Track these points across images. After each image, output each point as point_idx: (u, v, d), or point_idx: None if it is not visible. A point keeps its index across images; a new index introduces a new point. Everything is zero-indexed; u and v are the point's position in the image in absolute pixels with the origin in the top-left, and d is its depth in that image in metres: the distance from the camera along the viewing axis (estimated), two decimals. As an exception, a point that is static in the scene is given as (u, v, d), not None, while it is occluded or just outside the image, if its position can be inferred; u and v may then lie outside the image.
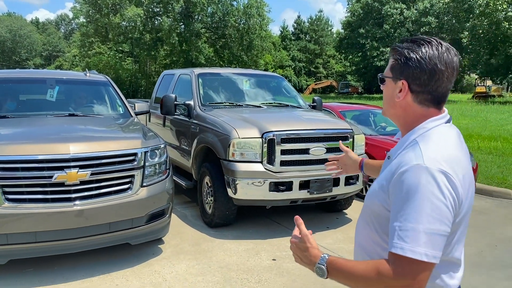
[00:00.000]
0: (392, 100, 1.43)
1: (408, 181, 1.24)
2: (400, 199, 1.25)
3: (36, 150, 3.68)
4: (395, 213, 1.26)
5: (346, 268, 1.30)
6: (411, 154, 1.30)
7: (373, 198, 1.40)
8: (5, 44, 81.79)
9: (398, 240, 1.22)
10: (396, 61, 1.40)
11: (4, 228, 3.54)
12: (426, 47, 1.36)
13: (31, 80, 5.53)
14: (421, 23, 41.72)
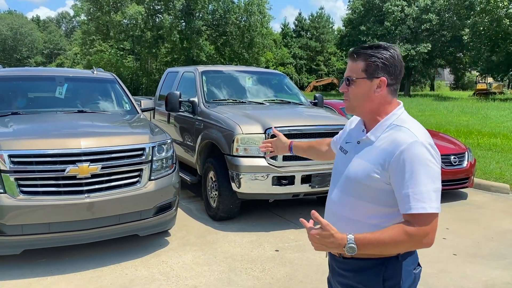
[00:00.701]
0: (369, 95, 1.69)
1: (411, 155, 1.55)
2: (407, 171, 1.54)
3: (49, 144, 3.84)
4: (402, 182, 1.55)
5: (375, 240, 1.54)
6: (403, 135, 1.60)
7: (368, 175, 1.63)
8: (6, 42, 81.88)
9: (416, 202, 1.52)
10: (371, 63, 1.65)
11: (19, 219, 3.70)
12: (391, 50, 1.67)
13: (41, 78, 5.70)
14: (422, 20, 41.73)
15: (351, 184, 1.69)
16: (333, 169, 1.88)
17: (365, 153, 1.69)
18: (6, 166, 3.70)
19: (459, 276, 4.07)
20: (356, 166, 1.69)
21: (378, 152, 1.63)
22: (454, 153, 6.78)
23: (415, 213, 1.53)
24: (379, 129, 1.69)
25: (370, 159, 1.64)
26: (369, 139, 1.69)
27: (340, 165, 1.80)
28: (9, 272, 3.94)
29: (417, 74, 51.79)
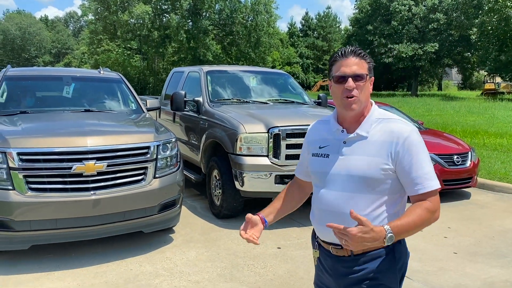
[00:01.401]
0: (367, 91, 1.81)
1: (414, 142, 1.72)
2: (414, 155, 1.70)
3: (56, 143, 3.94)
4: (411, 166, 1.69)
5: (407, 224, 1.64)
6: (399, 125, 1.75)
7: (379, 168, 1.72)
8: (15, 42, 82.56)
9: (428, 181, 1.70)
10: (370, 63, 1.81)
11: (27, 215, 3.81)
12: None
13: (49, 78, 5.82)
14: (430, 20, 41.53)
15: (358, 181, 1.73)
16: (317, 173, 1.88)
17: (362, 149, 1.75)
18: (15, 163, 3.81)
19: (459, 274, 4.12)
20: (360, 163, 1.73)
21: (380, 145, 1.72)
22: (457, 152, 6.81)
23: (429, 190, 1.70)
24: (366, 124, 1.78)
25: (374, 153, 1.72)
26: (360, 135, 1.76)
27: (329, 167, 1.81)
28: (17, 267, 4.05)
29: (424, 73, 51.58)
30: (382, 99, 33.21)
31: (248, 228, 1.90)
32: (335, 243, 1.79)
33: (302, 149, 2.07)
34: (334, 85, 1.79)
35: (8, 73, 5.49)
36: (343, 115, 1.83)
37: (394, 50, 41.51)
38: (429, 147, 6.63)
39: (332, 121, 1.88)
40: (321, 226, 1.82)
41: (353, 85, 1.72)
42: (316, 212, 1.89)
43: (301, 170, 2.10)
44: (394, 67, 44.80)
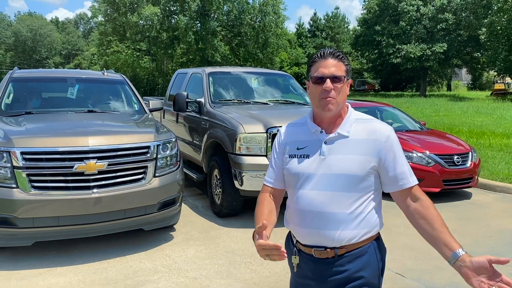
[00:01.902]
0: (345, 93, 1.84)
1: (395, 140, 1.80)
2: (396, 153, 1.78)
3: (59, 142, 4.07)
4: (394, 163, 1.77)
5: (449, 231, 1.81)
6: (378, 125, 1.83)
7: (364, 165, 1.76)
8: (26, 43, 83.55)
9: (412, 177, 1.81)
10: (348, 66, 1.84)
11: (30, 212, 3.93)
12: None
13: (53, 79, 5.97)
14: (438, 20, 41.28)
15: (342, 179, 1.74)
16: (296, 174, 1.83)
17: (345, 148, 1.77)
18: (19, 162, 3.94)
19: (452, 272, 4.11)
20: (344, 161, 1.75)
21: (363, 143, 1.77)
22: (458, 153, 6.84)
23: (415, 184, 1.80)
24: (346, 124, 1.82)
25: (358, 151, 1.76)
26: (342, 134, 1.79)
27: (311, 167, 1.79)
28: (21, 263, 4.18)
29: (433, 74, 51.25)
30: (390, 100, 33.12)
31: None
32: (318, 245, 1.79)
33: (273, 154, 1.99)
34: (312, 86, 1.81)
35: (14, 75, 5.65)
36: (320, 116, 1.85)
37: (402, 50, 41.31)
38: (429, 147, 6.68)
39: (309, 122, 1.89)
40: (301, 228, 1.82)
41: (331, 86, 1.74)
42: (294, 214, 1.86)
43: (274, 177, 1.98)
44: (402, 68, 44.58)
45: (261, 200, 1.99)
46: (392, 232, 5.24)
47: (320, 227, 1.77)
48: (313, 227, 1.79)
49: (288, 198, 1.95)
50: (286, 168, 1.89)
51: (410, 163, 6.43)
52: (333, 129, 1.82)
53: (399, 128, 8.03)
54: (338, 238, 1.75)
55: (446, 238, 1.77)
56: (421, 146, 6.83)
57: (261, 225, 1.68)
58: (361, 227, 1.77)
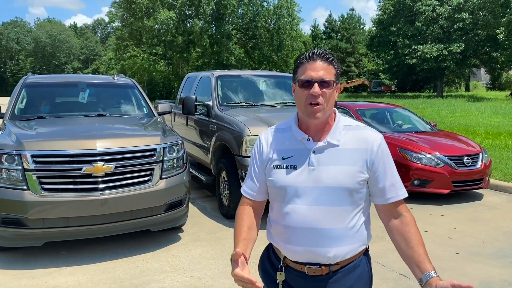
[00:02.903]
0: (334, 99, 1.70)
1: (386, 149, 1.70)
2: (387, 163, 1.68)
3: (67, 146, 4.19)
4: (385, 174, 1.67)
5: (422, 244, 1.67)
6: (368, 132, 1.71)
7: (356, 176, 1.63)
8: (45, 49, 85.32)
9: (402, 189, 1.71)
10: (338, 69, 1.69)
11: (40, 213, 4.06)
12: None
13: (65, 84, 6.13)
14: (455, 20, 40.77)
15: (334, 192, 1.63)
16: (283, 187, 1.69)
17: (335, 158, 1.65)
18: (29, 165, 4.07)
19: (457, 273, 4.16)
20: (335, 173, 1.63)
21: (354, 153, 1.65)
22: (467, 154, 6.79)
23: (401, 199, 1.70)
24: (336, 132, 1.68)
25: (349, 162, 1.64)
26: (331, 143, 1.66)
27: (299, 179, 1.66)
28: (33, 263, 4.32)
29: (450, 74, 50.62)
30: (406, 101, 32.83)
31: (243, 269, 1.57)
32: (311, 262, 1.67)
33: (252, 164, 1.83)
34: (299, 89, 1.65)
35: (28, 81, 5.82)
36: (306, 123, 1.70)
37: (418, 51, 40.90)
38: (439, 148, 6.66)
39: (294, 129, 1.74)
40: (291, 246, 1.68)
41: (319, 91, 1.60)
42: (282, 231, 1.71)
43: (254, 188, 1.82)
44: (419, 68, 44.16)
45: (240, 215, 1.82)
46: (399, 233, 5.23)
47: (314, 244, 1.65)
48: (306, 244, 1.65)
49: (273, 212, 1.78)
50: (270, 180, 1.72)
51: (419, 165, 6.50)
52: (321, 137, 1.68)
53: (409, 129, 8.00)
54: (334, 256, 1.65)
55: (420, 258, 1.62)
56: (430, 147, 6.79)
57: (235, 253, 1.57)
58: (355, 241, 1.69)
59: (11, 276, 4.04)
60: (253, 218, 1.82)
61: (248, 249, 1.71)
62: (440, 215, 6.04)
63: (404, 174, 6.64)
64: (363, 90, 63.49)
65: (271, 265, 1.83)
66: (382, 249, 4.70)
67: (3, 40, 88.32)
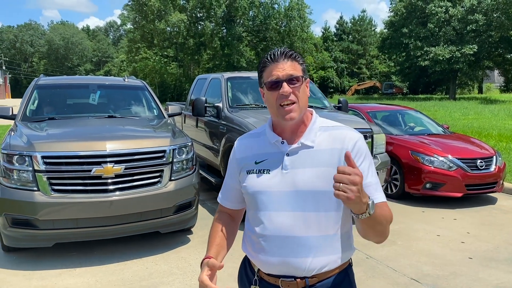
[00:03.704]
0: (306, 96, 1.59)
1: (364, 148, 1.57)
2: (363, 163, 1.54)
3: (77, 147, 4.20)
4: (364, 173, 1.44)
5: (380, 214, 1.44)
6: (346, 131, 1.58)
7: (326, 179, 1.47)
8: (59, 51, 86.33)
9: (380, 192, 1.53)
10: (303, 64, 1.60)
11: (50, 215, 4.07)
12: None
13: (76, 86, 6.17)
14: (468, 21, 40.34)
15: (309, 197, 1.52)
16: (257, 193, 1.59)
17: (309, 160, 1.54)
18: (40, 166, 4.08)
19: (470, 279, 4.08)
20: (309, 176, 1.52)
21: (329, 153, 1.54)
22: (481, 157, 6.68)
23: (381, 201, 1.51)
24: (311, 133, 1.58)
25: (323, 163, 1.52)
26: (305, 144, 1.56)
27: (272, 184, 1.56)
28: (43, 263, 4.33)
29: (463, 76, 50.10)
30: (417, 103, 32.55)
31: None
32: (286, 275, 1.56)
33: (228, 171, 1.76)
34: (268, 93, 1.56)
35: (39, 82, 5.86)
36: (281, 125, 1.60)
37: (430, 52, 40.55)
38: (451, 151, 6.57)
39: (268, 132, 1.64)
40: (265, 256, 1.57)
41: (289, 90, 1.51)
42: (256, 240, 1.61)
43: (229, 197, 1.77)
44: (431, 70, 43.78)
45: (215, 221, 1.78)
46: (411, 237, 5.16)
47: (288, 254, 1.53)
48: (279, 254, 1.54)
49: (248, 222, 1.69)
50: (244, 186, 1.64)
51: (432, 168, 6.41)
52: (296, 139, 1.58)
53: (421, 132, 7.91)
54: (309, 267, 1.52)
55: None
56: (442, 150, 6.70)
57: (205, 258, 1.58)
58: (334, 252, 1.55)
59: (21, 276, 4.06)
60: (229, 226, 1.75)
61: (220, 255, 1.66)
62: (453, 219, 5.95)
63: (416, 177, 6.56)
64: (374, 92, 63.16)
65: (247, 278, 1.74)
66: (393, 254, 4.64)
67: (17, 43, 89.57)
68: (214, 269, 1.54)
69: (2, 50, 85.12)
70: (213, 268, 1.54)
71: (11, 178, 4.12)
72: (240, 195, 1.72)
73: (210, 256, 1.60)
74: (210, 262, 1.54)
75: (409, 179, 6.65)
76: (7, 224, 4.11)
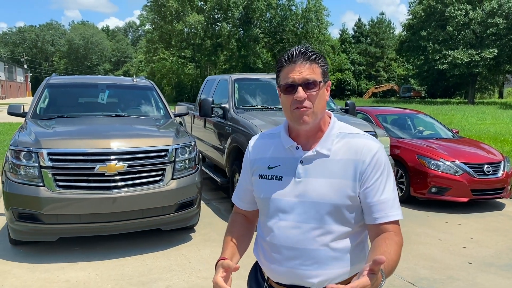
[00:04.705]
0: (324, 100, 1.51)
1: (383, 160, 1.48)
2: (382, 177, 1.46)
3: (82, 144, 4.32)
4: (375, 188, 1.44)
5: (391, 263, 1.34)
6: (365, 141, 1.49)
7: (345, 191, 1.45)
8: (79, 51, 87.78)
9: (395, 209, 1.46)
10: (324, 66, 1.50)
11: (55, 210, 4.19)
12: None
13: (86, 85, 6.33)
14: (488, 24, 39.75)
15: (321, 209, 1.46)
16: (266, 200, 1.55)
17: (324, 170, 1.47)
18: (45, 162, 4.22)
19: (467, 283, 4.07)
20: (322, 187, 1.46)
21: (345, 164, 1.47)
22: (488, 162, 6.62)
23: (396, 219, 1.46)
24: (327, 140, 1.50)
25: (338, 175, 1.46)
26: (321, 153, 1.49)
27: (283, 192, 1.51)
28: (47, 257, 4.46)
29: (483, 80, 49.36)
30: (434, 107, 32.17)
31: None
32: (294, 284, 1.52)
33: (243, 171, 1.70)
34: (283, 96, 1.49)
35: (50, 81, 6.03)
36: (296, 129, 1.53)
37: (449, 56, 40.05)
38: (458, 155, 6.53)
39: (283, 136, 1.57)
40: (274, 265, 1.54)
41: (303, 96, 1.43)
42: (265, 247, 1.58)
43: (242, 198, 1.73)
44: (449, 74, 43.23)
45: (231, 222, 1.74)
46: (411, 241, 5.16)
47: (297, 266, 1.49)
48: (287, 265, 1.50)
49: (259, 227, 1.65)
50: (255, 191, 1.61)
51: (437, 172, 6.38)
52: (312, 145, 1.51)
53: (430, 136, 7.87)
54: (319, 280, 1.48)
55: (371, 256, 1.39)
56: (449, 155, 6.65)
57: (220, 259, 1.52)
58: (345, 266, 1.49)
59: (26, 269, 4.19)
60: (244, 227, 1.71)
61: (235, 257, 1.60)
62: (457, 223, 5.91)
63: (421, 181, 6.54)
64: (392, 95, 62.62)
65: (257, 284, 1.69)
66: (392, 256, 4.64)
67: (39, 42, 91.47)
68: (229, 271, 1.47)
69: (24, 49, 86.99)
70: (228, 269, 1.46)
71: (18, 174, 4.26)
72: (252, 197, 1.66)
73: (225, 258, 1.54)
74: (225, 263, 1.46)
75: (414, 183, 6.63)
76: (13, 218, 4.25)
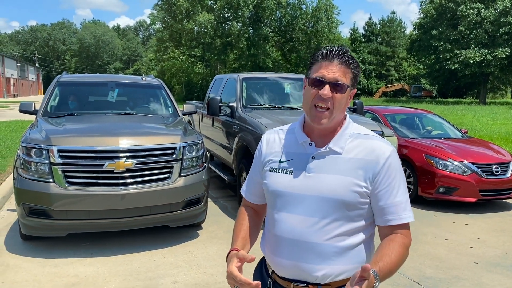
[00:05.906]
0: (345, 105, 1.53)
1: (397, 164, 1.51)
2: (395, 180, 1.49)
3: (91, 142, 4.40)
4: (388, 191, 1.48)
5: (389, 267, 1.39)
6: (379, 143, 1.52)
7: (352, 189, 1.47)
8: (90, 50, 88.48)
9: (407, 211, 1.51)
10: (356, 73, 1.52)
11: (64, 206, 4.27)
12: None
13: (95, 83, 6.41)
14: (501, 24, 39.34)
15: (329, 204, 1.48)
16: (276, 193, 1.57)
17: (335, 166, 1.50)
18: (56, 159, 4.30)
19: (472, 283, 4.07)
20: (332, 183, 1.48)
21: (357, 163, 1.49)
22: (497, 162, 6.59)
23: (406, 222, 1.50)
24: (341, 139, 1.53)
25: (349, 172, 1.48)
26: (333, 150, 1.51)
27: (293, 186, 1.53)
28: (57, 252, 4.55)
29: (495, 80, 48.87)
30: (445, 107, 31.95)
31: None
32: (297, 279, 1.54)
33: (253, 164, 1.74)
34: (308, 87, 1.51)
35: (61, 79, 6.12)
36: (310, 126, 1.56)
37: (460, 55, 39.71)
38: (466, 155, 6.53)
39: (298, 131, 1.60)
40: (278, 258, 1.56)
41: (328, 94, 1.44)
42: (271, 240, 1.60)
43: (252, 191, 1.75)
44: (461, 74, 42.87)
45: (240, 214, 1.77)
46: (418, 240, 5.16)
47: (301, 259, 1.51)
48: (292, 258, 1.52)
49: (267, 220, 1.66)
50: (265, 183, 1.62)
51: (445, 172, 6.37)
52: (325, 143, 1.53)
53: (438, 136, 7.84)
54: (323, 274, 1.49)
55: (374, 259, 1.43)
56: (457, 155, 6.63)
57: (232, 250, 1.57)
58: (350, 262, 1.50)
59: (36, 263, 4.28)
60: (253, 220, 1.73)
61: (245, 249, 1.62)
62: (464, 224, 5.90)
63: (429, 181, 6.53)
64: (402, 94, 62.28)
65: (261, 279, 1.69)
66: (398, 255, 4.65)
67: (50, 41, 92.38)
68: (243, 261, 1.49)
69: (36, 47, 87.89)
70: (243, 259, 1.48)
71: (29, 170, 4.35)
72: (262, 190, 1.68)
73: (237, 248, 1.58)
74: (240, 253, 1.50)
75: (422, 183, 6.61)
76: (24, 214, 4.34)
